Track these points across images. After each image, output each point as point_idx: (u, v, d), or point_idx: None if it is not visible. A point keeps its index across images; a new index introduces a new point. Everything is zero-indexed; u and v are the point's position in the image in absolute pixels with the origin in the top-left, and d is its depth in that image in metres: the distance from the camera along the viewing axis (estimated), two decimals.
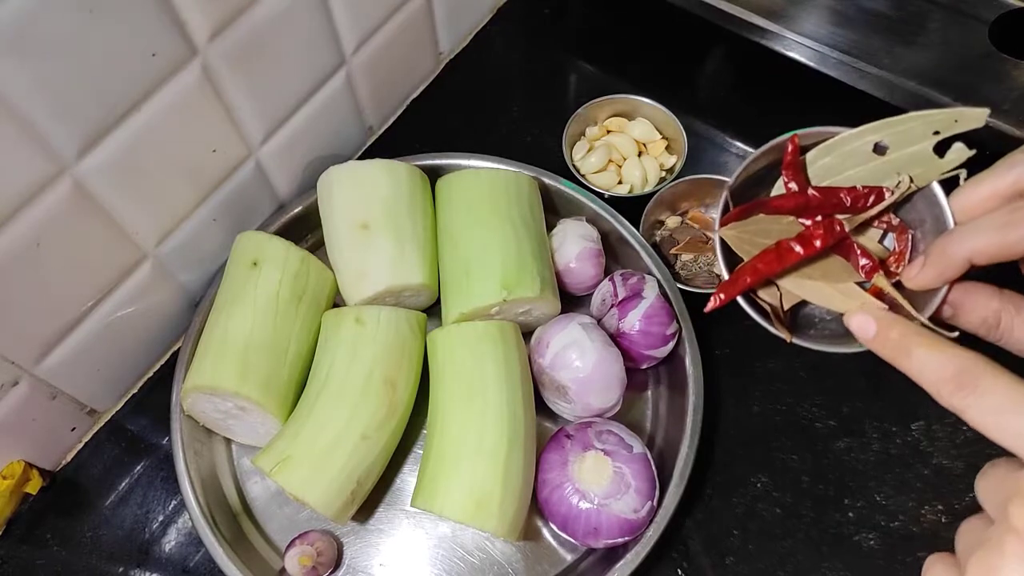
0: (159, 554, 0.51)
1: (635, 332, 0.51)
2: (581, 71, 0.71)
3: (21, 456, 0.51)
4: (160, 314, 0.55)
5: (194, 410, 0.50)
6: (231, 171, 0.54)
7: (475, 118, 0.69)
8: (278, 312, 0.50)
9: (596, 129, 0.63)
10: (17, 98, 0.38)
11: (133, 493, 0.53)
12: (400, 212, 0.54)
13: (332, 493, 0.46)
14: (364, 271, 0.52)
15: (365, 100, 0.63)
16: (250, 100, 0.51)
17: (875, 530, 0.50)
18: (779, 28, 0.67)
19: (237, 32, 0.47)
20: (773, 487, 0.52)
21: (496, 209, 0.54)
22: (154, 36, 0.42)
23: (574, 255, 0.55)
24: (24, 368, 0.47)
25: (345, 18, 0.55)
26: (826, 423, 0.54)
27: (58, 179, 0.42)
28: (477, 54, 0.72)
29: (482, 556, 0.50)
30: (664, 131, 0.63)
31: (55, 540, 0.51)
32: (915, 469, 0.52)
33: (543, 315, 0.54)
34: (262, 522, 0.51)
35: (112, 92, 0.42)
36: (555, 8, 0.75)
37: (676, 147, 0.63)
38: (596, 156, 0.61)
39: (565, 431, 0.48)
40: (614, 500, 0.45)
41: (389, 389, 0.49)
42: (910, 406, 0.54)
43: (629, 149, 0.62)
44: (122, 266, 0.50)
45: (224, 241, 0.55)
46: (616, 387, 0.49)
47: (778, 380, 0.55)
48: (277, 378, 0.49)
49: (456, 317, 0.51)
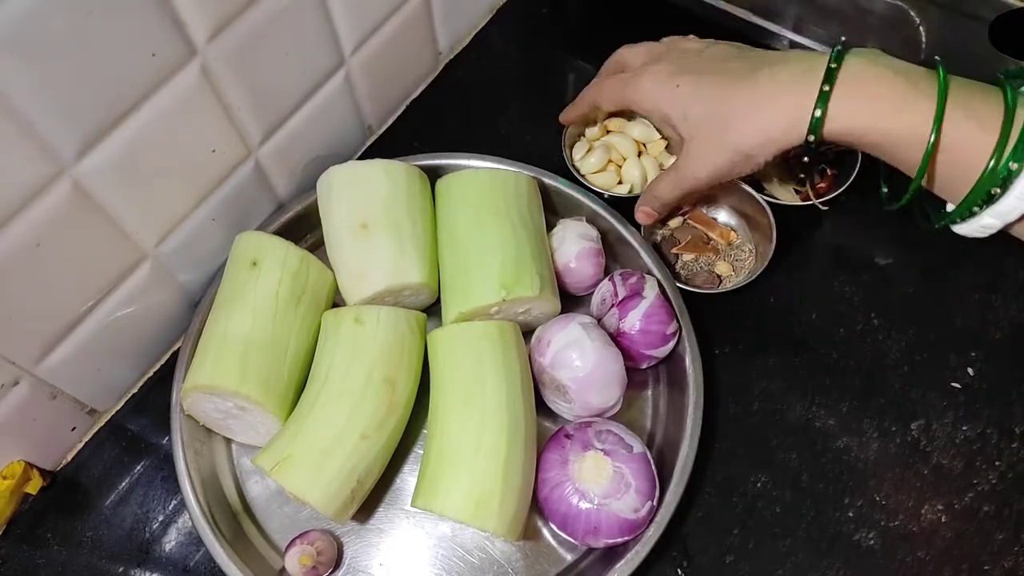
0: (159, 554, 0.51)
1: (635, 332, 0.51)
2: (580, 71, 0.71)
3: (21, 456, 0.51)
4: (160, 314, 0.55)
5: (194, 410, 0.50)
6: (230, 171, 0.54)
7: (475, 118, 0.69)
8: (278, 312, 0.50)
9: (596, 129, 0.63)
10: (17, 98, 0.38)
11: (133, 493, 0.53)
12: (400, 212, 0.54)
13: (332, 492, 0.46)
14: (364, 271, 0.52)
15: (364, 100, 0.63)
16: (249, 100, 0.51)
17: (874, 529, 0.50)
18: (777, 28, 0.67)
19: (236, 32, 0.47)
20: (773, 486, 0.52)
21: (495, 209, 0.54)
22: (154, 36, 0.42)
23: (574, 255, 0.55)
24: (24, 368, 0.47)
25: (344, 18, 0.55)
26: (825, 422, 0.54)
27: (58, 179, 0.42)
28: (476, 54, 0.72)
29: (482, 556, 0.50)
30: (663, 131, 0.63)
31: (55, 540, 0.51)
32: (914, 468, 0.52)
33: (543, 315, 0.54)
34: (262, 521, 0.51)
35: (112, 92, 0.42)
36: (554, 8, 0.75)
37: (675, 147, 0.62)
38: (596, 156, 0.61)
39: (565, 431, 0.49)
40: (614, 500, 0.45)
41: (389, 389, 0.49)
42: (909, 405, 0.54)
43: (629, 149, 0.62)
44: (122, 266, 0.50)
45: (224, 241, 0.55)
46: (616, 387, 0.49)
47: (778, 379, 0.55)
48: (277, 378, 0.49)
49: (456, 317, 0.52)
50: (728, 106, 0.47)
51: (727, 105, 0.47)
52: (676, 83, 0.49)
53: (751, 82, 0.46)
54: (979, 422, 0.53)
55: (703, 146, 0.49)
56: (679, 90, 0.49)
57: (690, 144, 0.50)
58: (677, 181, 0.52)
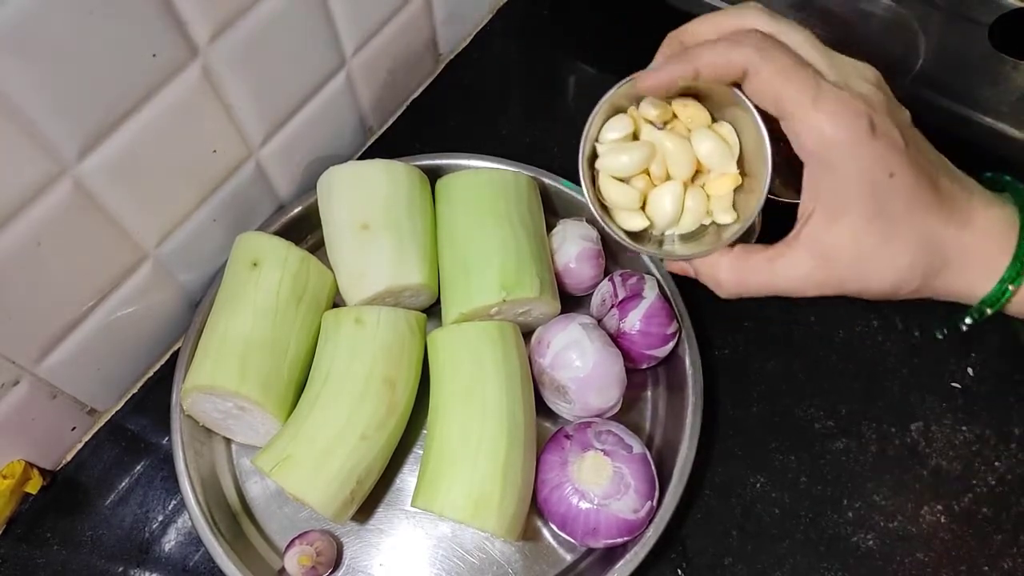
0: (159, 553, 0.51)
1: (635, 332, 0.51)
2: (581, 71, 0.71)
3: (21, 456, 0.51)
4: (160, 314, 0.55)
5: (194, 410, 0.50)
6: (231, 172, 0.54)
7: (475, 118, 0.69)
8: (278, 312, 0.50)
9: (656, 111, 0.40)
10: (18, 98, 0.38)
11: (133, 493, 0.53)
12: (400, 212, 0.54)
13: (332, 493, 0.46)
14: (364, 271, 0.52)
15: (365, 100, 0.63)
16: (250, 101, 0.51)
17: (873, 531, 0.50)
18: None
19: (238, 33, 0.47)
20: (771, 487, 0.52)
21: (495, 209, 0.54)
22: (155, 37, 0.42)
23: (574, 255, 0.55)
24: (24, 368, 0.47)
25: (345, 19, 0.55)
26: (824, 424, 0.54)
27: (59, 179, 0.42)
28: (477, 54, 0.73)
29: (482, 556, 0.50)
30: (749, 163, 0.40)
31: (55, 539, 0.51)
32: (913, 470, 0.52)
33: (543, 315, 0.54)
34: (262, 522, 0.51)
35: (113, 92, 0.42)
36: (554, 8, 0.75)
37: (744, 200, 0.40)
38: (631, 154, 0.40)
39: (565, 431, 0.49)
40: (613, 500, 0.45)
41: (389, 389, 0.49)
42: (908, 407, 0.54)
43: (681, 166, 0.40)
44: (122, 266, 0.50)
45: (224, 241, 0.55)
46: (616, 387, 0.49)
47: (777, 381, 0.55)
48: (277, 378, 0.49)
49: (456, 317, 0.52)
50: (937, 246, 0.35)
51: (938, 247, 0.35)
52: (891, 170, 0.34)
53: (958, 224, 0.36)
54: (978, 424, 0.53)
55: (868, 266, 0.36)
56: (892, 181, 0.34)
57: (844, 250, 0.35)
58: (767, 284, 0.38)
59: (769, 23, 0.37)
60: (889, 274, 0.36)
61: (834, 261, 0.36)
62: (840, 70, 0.35)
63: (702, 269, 0.40)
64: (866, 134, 0.33)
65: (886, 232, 0.35)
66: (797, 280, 0.37)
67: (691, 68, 0.36)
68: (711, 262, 0.39)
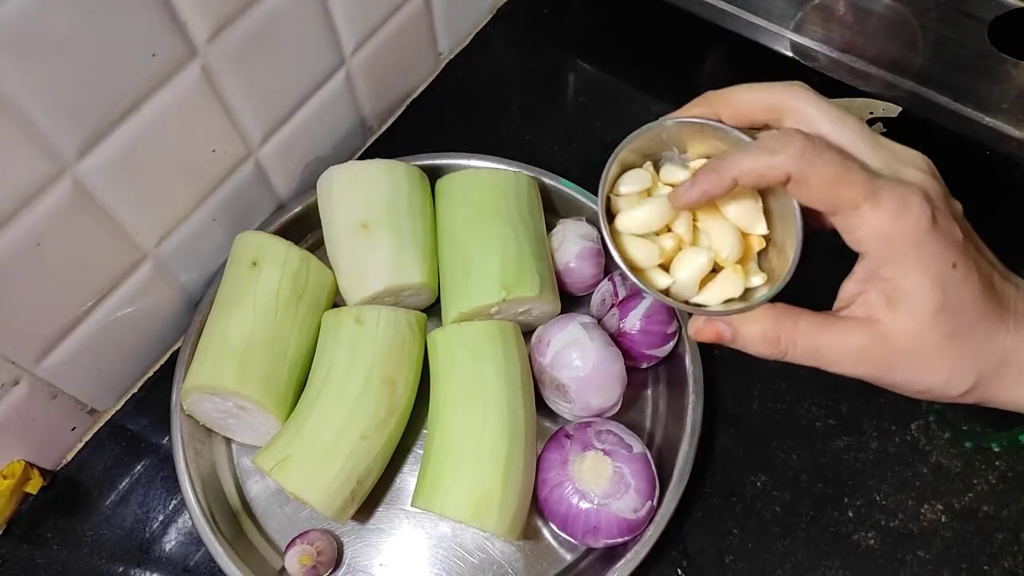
0: (159, 553, 0.51)
1: (636, 332, 0.51)
2: (581, 71, 0.71)
3: (21, 456, 0.51)
4: (160, 314, 0.55)
5: (194, 410, 0.50)
6: (231, 171, 0.54)
7: (475, 118, 0.69)
8: (278, 312, 0.50)
9: (682, 169, 0.38)
10: (17, 98, 0.38)
11: (133, 492, 0.53)
12: (400, 212, 0.54)
13: (332, 492, 0.46)
14: (364, 271, 0.52)
15: (365, 100, 0.63)
16: (250, 100, 0.51)
17: (874, 529, 0.50)
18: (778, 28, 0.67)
19: (237, 32, 0.47)
20: (772, 486, 0.52)
21: (496, 209, 0.54)
22: (154, 36, 0.42)
23: (574, 255, 0.55)
24: (24, 368, 0.47)
25: (344, 18, 0.55)
26: (825, 422, 0.54)
27: (58, 179, 0.42)
28: (477, 54, 0.73)
29: (482, 556, 0.50)
30: (776, 228, 0.38)
31: (55, 539, 0.51)
32: (914, 468, 0.52)
33: (543, 315, 0.54)
34: (262, 521, 0.51)
35: (112, 92, 0.42)
36: (555, 8, 0.75)
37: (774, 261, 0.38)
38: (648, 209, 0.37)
39: (565, 431, 0.49)
40: (614, 500, 0.45)
41: (389, 389, 0.49)
42: (909, 405, 0.54)
43: (715, 236, 0.38)
44: (122, 266, 0.50)
45: (224, 241, 0.55)
46: (616, 387, 0.49)
47: (777, 379, 0.55)
48: (277, 378, 0.49)
49: (456, 317, 0.52)
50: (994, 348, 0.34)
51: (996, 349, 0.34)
52: (953, 260, 0.33)
53: (1013, 325, 0.34)
54: (979, 422, 0.53)
55: (923, 357, 0.34)
56: (955, 272, 0.33)
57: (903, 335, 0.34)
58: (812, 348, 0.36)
59: (815, 108, 0.35)
60: (945, 368, 0.34)
61: (890, 343, 0.34)
62: (891, 158, 0.34)
63: (742, 328, 0.37)
64: (928, 225, 0.32)
65: (949, 326, 0.33)
66: (847, 353, 0.35)
67: (728, 180, 0.34)
68: (754, 319, 0.37)
